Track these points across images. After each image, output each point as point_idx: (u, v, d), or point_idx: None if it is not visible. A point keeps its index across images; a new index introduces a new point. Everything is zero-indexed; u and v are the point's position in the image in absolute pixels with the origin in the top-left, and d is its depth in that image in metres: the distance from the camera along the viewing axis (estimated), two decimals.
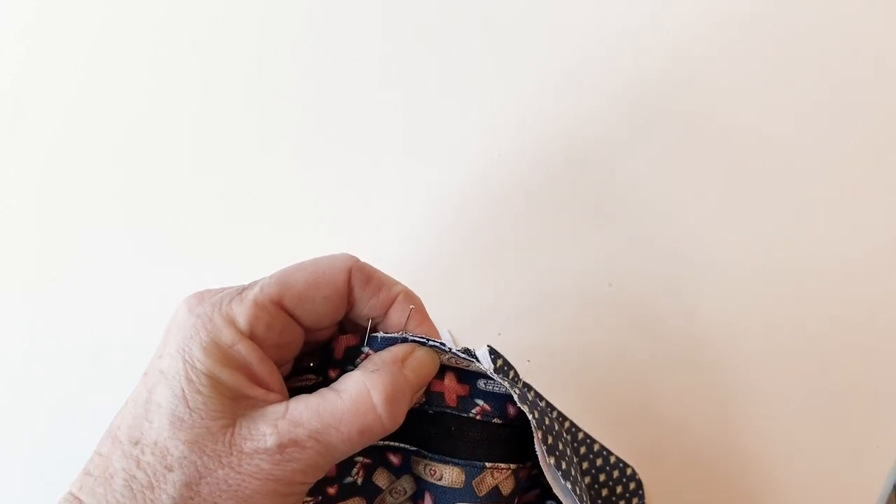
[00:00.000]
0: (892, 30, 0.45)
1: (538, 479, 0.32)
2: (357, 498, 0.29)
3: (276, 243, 0.40)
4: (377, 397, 0.25)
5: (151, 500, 0.22)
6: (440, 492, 0.28)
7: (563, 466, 0.27)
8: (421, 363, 0.27)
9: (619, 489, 0.40)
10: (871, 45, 0.45)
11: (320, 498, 0.28)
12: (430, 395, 0.28)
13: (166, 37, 0.44)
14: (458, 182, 0.44)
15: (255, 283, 0.26)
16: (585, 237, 0.44)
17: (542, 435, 0.26)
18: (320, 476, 0.25)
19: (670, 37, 0.44)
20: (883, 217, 0.45)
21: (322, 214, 0.43)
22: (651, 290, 0.44)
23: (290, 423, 0.24)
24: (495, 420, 0.28)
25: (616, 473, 0.40)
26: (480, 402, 0.28)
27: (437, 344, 0.27)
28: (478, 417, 0.28)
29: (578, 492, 0.27)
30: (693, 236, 0.44)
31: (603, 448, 0.40)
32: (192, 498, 0.22)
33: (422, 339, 0.27)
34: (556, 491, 0.27)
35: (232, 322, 0.25)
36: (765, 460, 0.43)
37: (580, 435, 0.40)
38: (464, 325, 0.30)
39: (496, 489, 0.28)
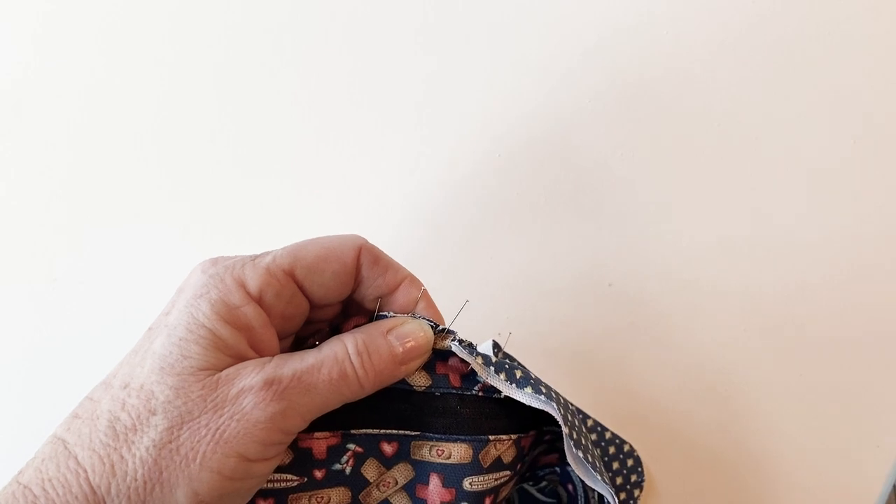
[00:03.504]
0: (892, 30, 0.45)
1: (554, 444, 0.33)
2: (343, 488, 0.29)
3: (275, 245, 0.40)
4: (351, 348, 0.26)
5: (132, 443, 0.23)
6: (449, 470, 0.28)
7: (590, 459, 0.28)
8: (407, 331, 0.27)
9: (615, 465, 0.41)
10: (872, 45, 0.45)
11: (306, 479, 0.28)
12: (436, 377, 0.28)
13: (164, 34, 0.44)
14: (458, 182, 0.44)
15: (269, 252, 0.27)
16: (586, 237, 0.44)
17: (569, 430, 0.27)
18: (302, 427, 0.25)
19: (670, 37, 0.44)
20: (883, 218, 0.45)
21: (319, 218, 0.44)
22: (651, 290, 0.44)
23: (274, 367, 0.25)
24: (495, 395, 0.29)
25: (612, 449, 0.41)
26: (481, 379, 0.28)
27: (441, 329, 0.28)
28: (480, 394, 0.29)
29: (600, 477, 0.28)
30: (693, 236, 0.44)
31: (597, 423, 0.41)
32: (170, 442, 0.23)
33: (430, 323, 0.28)
34: (583, 477, 0.28)
35: (243, 285, 0.25)
36: (765, 460, 0.43)
37: (588, 421, 0.41)
38: (463, 326, 0.30)
39: (498, 459, 0.29)
